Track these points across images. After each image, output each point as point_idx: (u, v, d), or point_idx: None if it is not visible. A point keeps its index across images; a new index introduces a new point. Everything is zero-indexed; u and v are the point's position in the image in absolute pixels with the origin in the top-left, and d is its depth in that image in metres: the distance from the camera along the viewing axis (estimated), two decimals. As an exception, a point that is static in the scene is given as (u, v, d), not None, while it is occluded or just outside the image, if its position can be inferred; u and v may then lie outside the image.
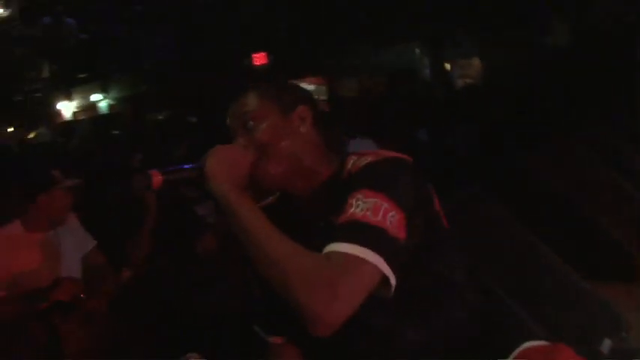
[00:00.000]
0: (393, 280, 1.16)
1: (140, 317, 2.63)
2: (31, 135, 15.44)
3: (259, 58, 12.08)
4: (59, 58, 15.21)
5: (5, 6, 17.73)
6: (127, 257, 2.99)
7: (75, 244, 2.70)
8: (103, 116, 15.17)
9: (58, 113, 16.83)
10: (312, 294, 1.08)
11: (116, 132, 10.41)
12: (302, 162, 1.37)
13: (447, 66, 9.22)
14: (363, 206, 1.18)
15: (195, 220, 3.47)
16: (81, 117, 15.76)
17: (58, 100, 16.64)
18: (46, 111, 16.52)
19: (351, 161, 1.34)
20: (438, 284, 1.32)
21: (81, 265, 2.68)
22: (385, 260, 1.14)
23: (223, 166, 1.28)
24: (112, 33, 13.70)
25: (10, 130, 16.84)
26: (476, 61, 9.02)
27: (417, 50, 9.21)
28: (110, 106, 15.69)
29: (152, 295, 2.79)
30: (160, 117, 11.64)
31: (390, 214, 1.18)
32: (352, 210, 1.19)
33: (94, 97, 16.05)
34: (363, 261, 1.13)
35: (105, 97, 15.86)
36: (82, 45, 14.54)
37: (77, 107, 16.67)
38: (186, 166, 1.31)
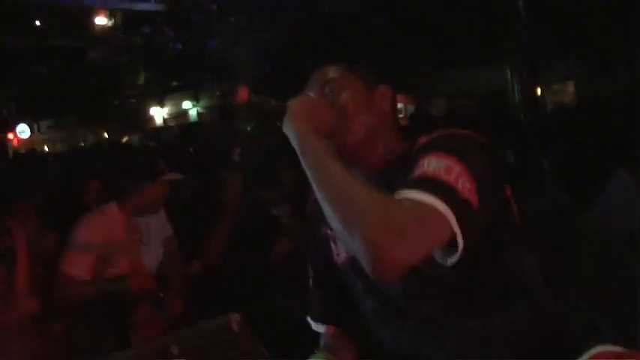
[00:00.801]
0: (461, 241, 1.07)
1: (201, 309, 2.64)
2: (124, 139, 16.14)
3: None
4: (155, 66, 15.90)
5: (110, 17, 18.79)
6: (201, 250, 3.02)
7: (158, 231, 2.79)
8: (193, 124, 15.65)
9: (150, 119, 17.57)
10: (381, 230, 1.02)
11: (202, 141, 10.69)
12: (377, 137, 1.34)
13: (539, 90, 8.95)
14: (435, 166, 1.13)
15: (270, 221, 3.45)
16: (171, 123, 16.36)
17: (151, 106, 17.38)
18: (140, 116, 17.28)
19: (423, 140, 1.27)
20: (504, 277, 1.24)
21: (162, 251, 2.77)
22: (456, 217, 1.06)
23: (308, 110, 1.27)
24: (206, 44, 14.17)
25: (105, 135, 17.71)
26: (570, 86, 8.71)
27: (509, 73, 8.99)
28: (200, 115, 16.19)
29: (217, 289, 2.80)
30: (249, 128, 11.89)
31: (462, 179, 1.11)
32: (423, 169, 1.13)
33: (185, 104, 16.63)
34: (434, 210, 1.06)
35: (195, 106, 16.39)
36: (177, 54, 15.17)
37: (168, 114, 17.33)
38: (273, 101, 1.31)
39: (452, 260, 1.10)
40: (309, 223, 1.50)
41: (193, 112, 16.42)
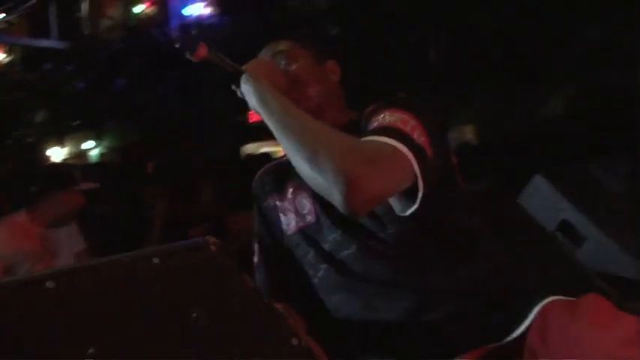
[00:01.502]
0: (421, 185, 1.11)
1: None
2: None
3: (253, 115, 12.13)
4: (55, 105, 15.30)
5: (8, 52, 17.99)
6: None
7: (70, 244, 2.70)
8: (93, 165, 15.06)
9: (48, 159, 16.77)
10: (351, 160, 1.05)
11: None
12: (327, 107, 1.40)
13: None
14: (389, 118, 1.17)
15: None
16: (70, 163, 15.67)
17: (50, 146, 16.63)
18: (36, 156, 16.47)
19: (371, 107, 1.34)
20: (456, 236, 1.28)
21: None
22: (416, 160, 1.10)
23: (265, 69, 1.33)
24: (110, 83, 13.82)
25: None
26: (469, 128, 9.19)
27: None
28: (101, 155, 15.66)
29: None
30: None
31: (417, 131, 1.16)
32: (379, 122, 1.18)
33: (86, 144, 16.05)
34: (396, 149, 1.10)
35: (97, 146, 15.85)
36: (78, 93, 14.67)
37: (68, 154, 16.64)
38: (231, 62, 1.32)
39: (412, 210, 1.13)
40: (254, 201, 1.50)
41: (95, 152, 15.87)
